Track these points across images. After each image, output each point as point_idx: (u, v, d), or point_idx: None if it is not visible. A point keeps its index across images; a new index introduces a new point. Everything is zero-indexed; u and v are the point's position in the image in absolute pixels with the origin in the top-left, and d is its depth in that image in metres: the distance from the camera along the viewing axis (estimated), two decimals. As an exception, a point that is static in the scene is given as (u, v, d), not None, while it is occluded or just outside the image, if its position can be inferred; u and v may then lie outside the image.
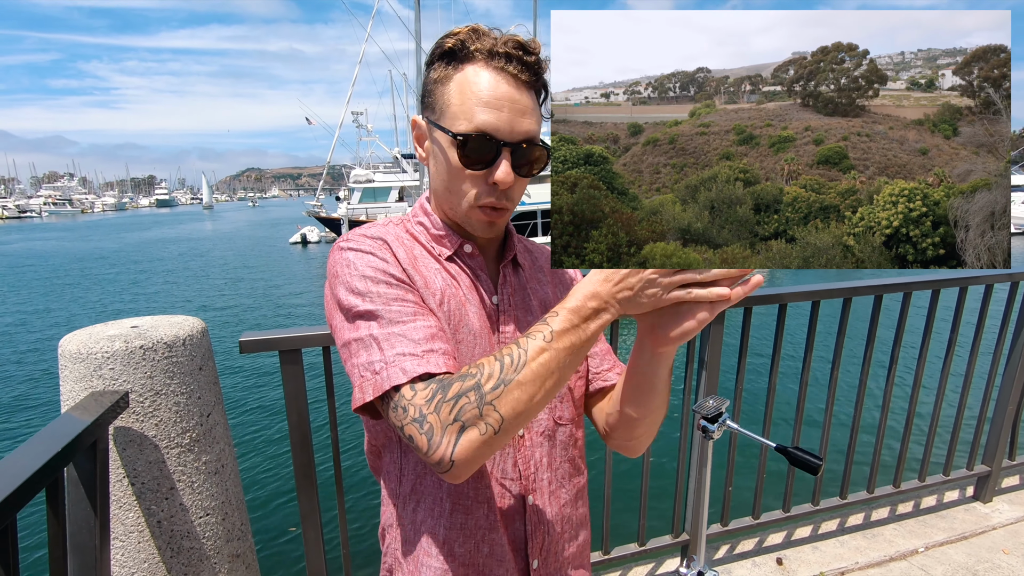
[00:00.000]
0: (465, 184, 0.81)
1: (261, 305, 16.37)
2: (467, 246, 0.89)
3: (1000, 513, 2.53)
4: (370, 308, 0.76)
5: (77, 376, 1.27)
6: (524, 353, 0.68)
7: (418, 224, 0.91)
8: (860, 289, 2.16)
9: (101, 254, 32.29)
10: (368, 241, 0.83)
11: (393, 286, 0.78)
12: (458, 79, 0.78)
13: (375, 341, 0.75)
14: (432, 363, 0.72)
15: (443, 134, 0.79)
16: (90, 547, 1.16)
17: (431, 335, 0.75)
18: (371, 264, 0.79)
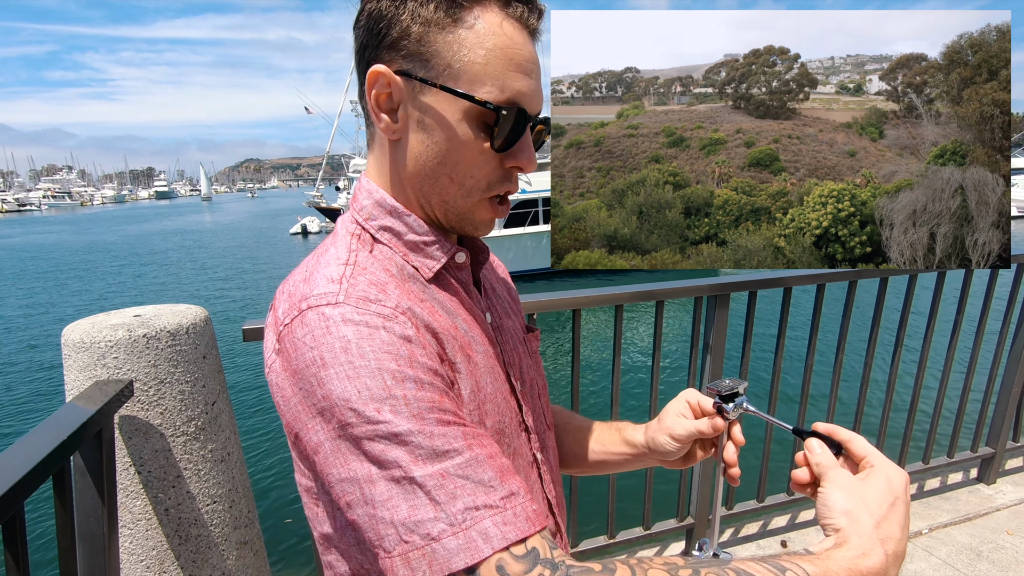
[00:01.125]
0: (475, 167, 0.61)
1: (264, 295, 16.41)
2: (460, 255, 0.68)
3: (1004, 494, 2.53)
4: (402, 428, 0.49)
5: (81, 365, 1.26)
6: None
7: (383, 230, 0.64)
8: (866, 272, 2.15)
9: (102, 247, 32.32)
10: (374, 307, 0.54)
11: (426, 387, 0.52)
12: (478, 28, 0.57)
13: (420, 487, 0.48)
14: (522, 516, 0.49)
15: (451, 100, 0.58)
16: (98, 535, 1.17)
17: (501, 469, 0.51)
18: (388, 347, 0.52)
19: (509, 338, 0.75)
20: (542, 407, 0.81)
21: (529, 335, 0.82)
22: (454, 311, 0.65)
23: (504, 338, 0.74)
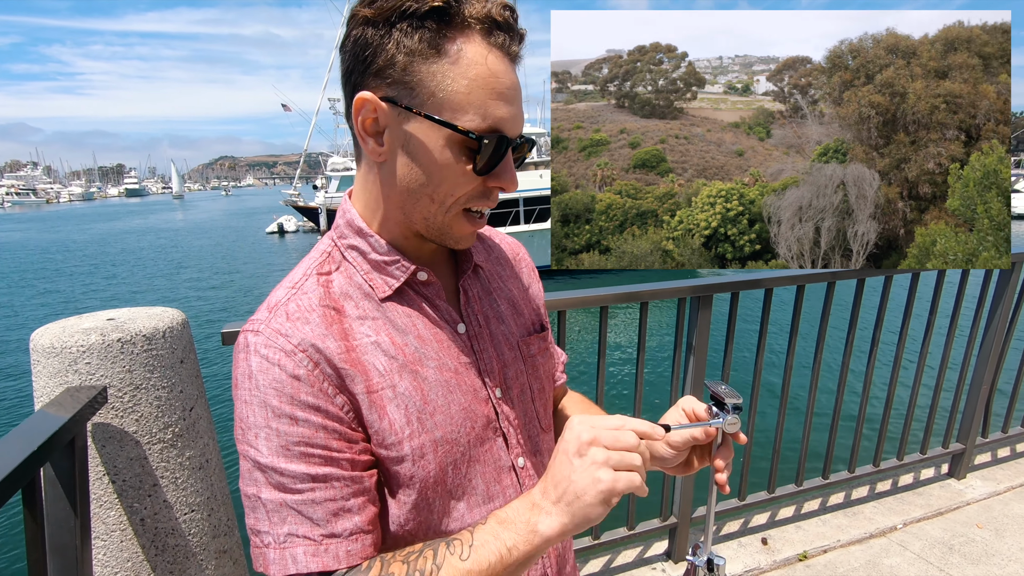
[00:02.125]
0: (455, 188, 0.64)
1: (241, 297, 16.09)
2: (421, 273, 0.71)
3: (974, 489, 2.61)
4: (265, 461, 0.60)
5: (51, 371, 1.22)
6: (435, 572, 0.59)
7: (351, 249, 0.71)
8: (843, 274, 2.19)
9: (69, 246, 31.34)
10: (281, 341, 0.62)
11: (300, 423, 0.60)
12: (460, 58, 0.60)
13: (262, 507, 0.61)
14: (331, 554, 0.60)
15: (434, 128, 0.61)
16: (71, 547, 1.12)
17: (335, 511, 0.61)
18: (276, 385, 0.61)
19: (493, 345, 0.77)
20: (536, 410, 0.81)
21: (530, 338, 0.82)
22: (406, 328, 0.69)
23: (483, 346, 0.75)
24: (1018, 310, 2.52)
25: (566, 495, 0.59)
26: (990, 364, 2.54)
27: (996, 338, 2.50)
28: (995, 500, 2.54)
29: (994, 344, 2.50)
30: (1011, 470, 2.76)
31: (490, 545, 0.60)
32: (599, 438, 0.59)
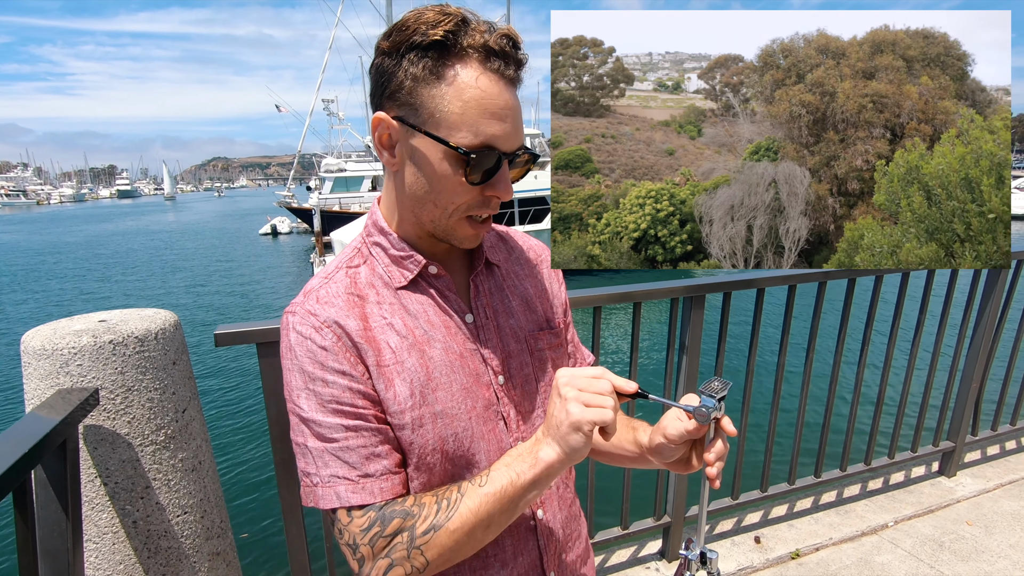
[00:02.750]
0: (455, 197, 0.73)
1: (234, 298, 16.01)
2: (432, 267, 0.81)
3: (964, 487, 2.64)
4: (307, 415, 0.73)
5: (42, 373, 1.21)
6: (459, 499, 0.71)
7: (375, 245, 0.82)
8: (834, 273, 2.21)
9: (60, 249, 31.07)
10: (312, 320, 0.74)
11: (331, 385, 0.72)
12: (456, 83, 0.68)
13: (309, 453, 0.73)
14: (367, 491, 0.72)
15: (433, 144, 0.70)
16: (62, 550, 1.11)
17: (367, 455, 0.73)
18: (311, 354, 0.73)
19: (499, 336, 0.84)
20: (542, 402, 0.88)
21: (540, 333, 0.89)
22: (418, 313, 0.80)
23: (488, 336, 0.83)
24: (1007, 309, 2.55)
25: (551, 428, 0.70)
26: (979, 363, 2.56)
27: (985, 337, 2.52)
28: (985, 497, 2.57)
29: (983, 343, 2.53)
30: (1000, 468, 2.79)
31: (502, 472, 0.71)
32: (574, 380, 0.69)
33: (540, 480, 0.70)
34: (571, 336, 1.01)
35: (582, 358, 1.02)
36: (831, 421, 2.39)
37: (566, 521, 0.90)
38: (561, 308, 0.97)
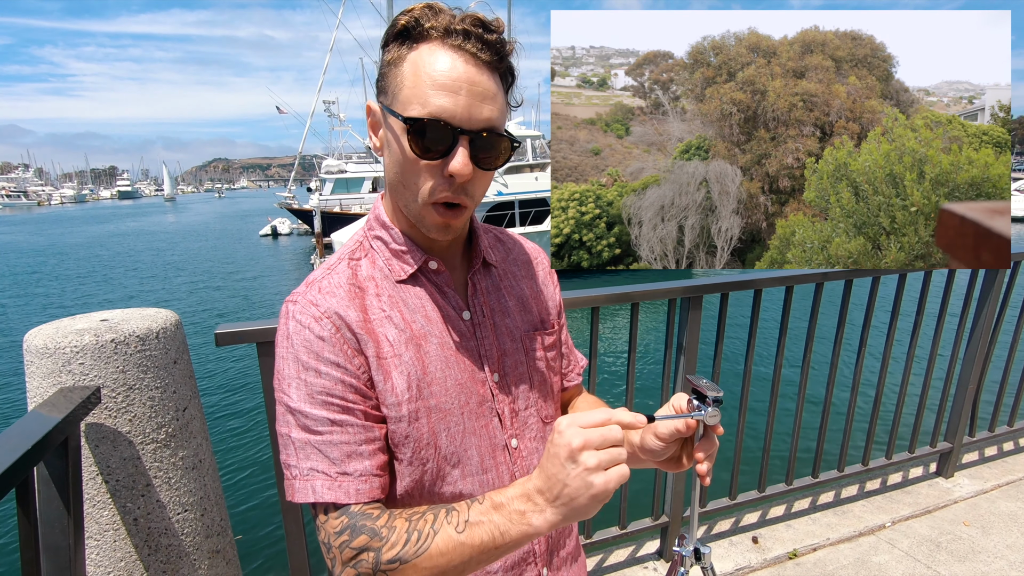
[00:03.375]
0: (419, 177, 0.73)
1: (234, 300, 16.02)
2: (432, 262, 0.82)
3: (961, 487, 2.64)
4: (295, 405, 0.72)
5: (44, 372, 1.22)
6: (430, 536, 0.67)
7: (376, 239, 0.83)
8: (832, 275, 2.22)
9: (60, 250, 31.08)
10: (312, 309, 0.74)
11: (323, 375, 0.72)
12: (412, 59, 0.70)
13: (292, 445, 0.73)
14: (343, 490, 0.71)
15: (396, 120, 0.71)
16: (64, 547, 1.13)
17: (349, 453, 0.72)
18: (306, 344, 0.73)
19: (495, 334, 0.85)
20: (535, 400, 0.88)
21: (534, 334, 0.90)
22: (416, 308, 0.80)
23: (484, 333, 0.84)
24: (1004, 309, 2.56)
25: (561, 497, 0.64)
26: (976, 363, 2.57)
27: (982, 337, 2.53)
28: (982, 498, 2.57)
29: (980, 343, 2.54)
30: (998, 468, 2.79)
31: (484, 526, 0.67)
32: (589, 441, 0.63)
33: (523, 542, 0.68)
34: (565, 338, 1.02)
35: (575, 361, 1.04)
36: (829, 422, 2.40)
37: None
38: (556, 310, 0.98)
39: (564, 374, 1.01)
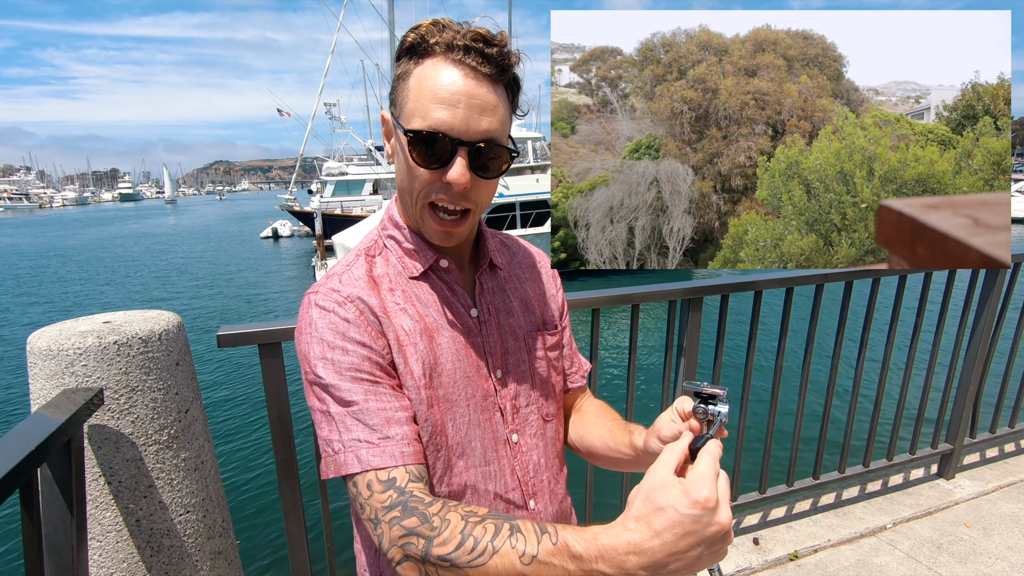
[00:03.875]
0: (418, 182, 0.77)
1: (235, 301, 16.04)
2: (443, 261, 0.86)
3: (962, 489, 2.64)
4: (327, 381, 0.75)
5: (48, 374, 1.23)
6: (490, 553, 0.62)
7: (389, 238, 0.88)
8: (832, 276, 2.22)
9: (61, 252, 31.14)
10: (335, 295, 0.79)
11: (350, 353, 0.75)
12: (417, 74, 0.74)
13: (332, 419, 0.75)
14: (388, 454, 0.72)
15: (402, 132, 0.76)
16: (67, 547, 1.13)
17: (387, 419, 0.74)
18: (332, 326, 0.76)
19: (499, 333, 0.89)
20: (536, 397, 0.91)
21: (537, 334, 0.94)
22: (428, 302, 0.85)
23: (490, 331, 0.88)
24: (1004, 310, 2.56)
25: (674, 568, 0.58)
26: (977, 365, 2.57)
27: (983, 338, 2.53)
28: (983, 500, 2.57)
29: (981, 344, 2.54)
30: (999, 470, 2.79)
31: (555, 570, 0.60)
32: (710, 543, 0.58)
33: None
34: (568, 340, 1.03)
35: (579, 363, 1.05)
36: (829, 423, 2.40)
37: (556, 516, 0.92)
38: (558, 312, 1.00)
39: (567, 376, 1.03)
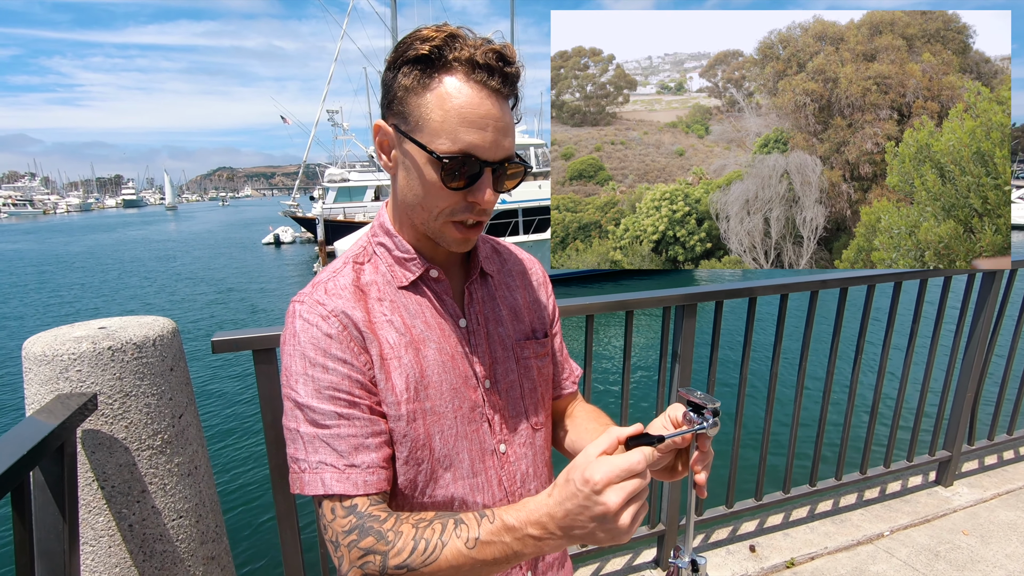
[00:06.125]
0: (439, 201, 0.76)
1: (235, 307, 16.06)
2: (433, 271, 0.85)
3: (960, 496, 2.63)
4: (303, 400, 0.75)
5: (42, 379, 1.24)
6: (440, 548, 0.68)
7: (379, 245, 0.86)
8: (829, 282, 2.23)
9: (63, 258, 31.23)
10: (319, 308, 0.77)
11: (330, 371, 0.75)
12: (439, 92, 0.72)
13: (301, 438, 0.75)
14: (351, 481, 0.73)
15: (419, 149, 0.74)
16: (58, 552, 1.14)
17: (356, 446, 0.74)
18: (314, 341, 0.76)
19: (488, 342, 0.88)
20: (525, 407, 0.91)
21: (526, 342, 0.93)
22: (416, 313, 0.83)
23: (478, 341, 0.87)
24: (1001, 316, 2.56)
25: (578, 530, 0.65)
26: (974, 371, 2.57)
27: (980, 345, 2.53)
28: (981, 507, 2.56)
29: (978, 351, 2.54)
30: (998, 477, 2.78)
31: (496, 546, 0.68)
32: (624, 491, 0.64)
33: (530, 556, 0.70)
34: (559, 346, 1.03)
35: (570, 370, 1.05)
36: (826, 430, 2.39)
37: None
38: (548, 319, 0.99)
39: (558, 382, 1.03)
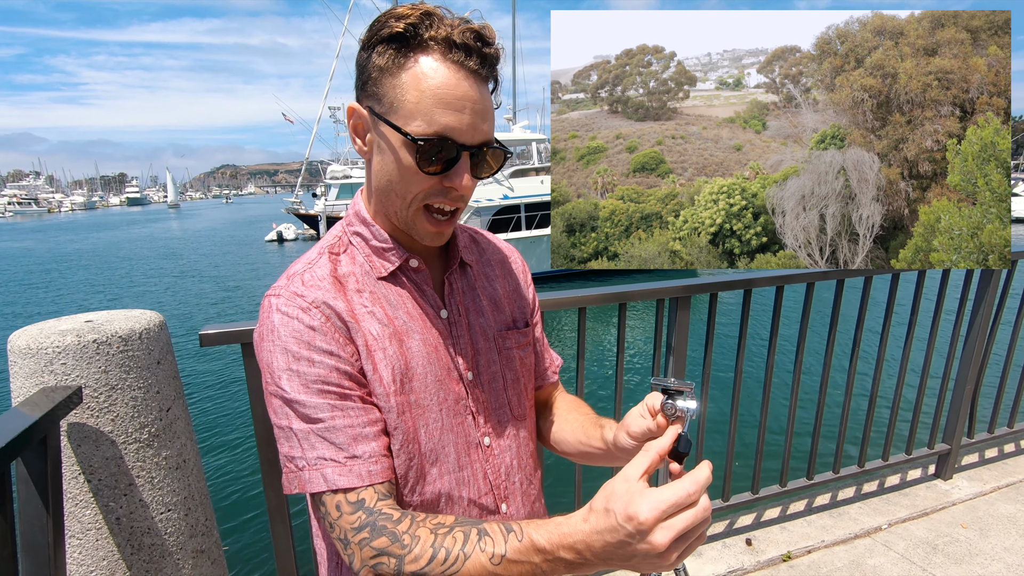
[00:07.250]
0: (414, 185, 0.74)
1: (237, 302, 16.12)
2: (413, 260, 0.82)
3: (959, 489, 2.61)
4: (291, 396, 0.71)
5: (27, 372, 1.23)
6: (462, 560, 0.64)
7: (355, 235, 0.83)
8: (827, 274, 2.21)
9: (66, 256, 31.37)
10: (299, 300, 0.74)
11: (316, 364, 0.71)
12: (413, 72, 0.69)
13: (294, 436, 0.71)
14: (355, 473, 0.70)
15: (393, 132, 0.71)
16: (43, 545, 1.13)
17: (354, 437, 0.71)
18: (296, 334, 0.72)
19: (470, 333, 0.86)
20: (508, 398, 0.89)
21: (507, 332, 0.91)
22: (397, 304, 0.81)
23: (460, 332, 0.85)
24: (1001, 309, 2.53)
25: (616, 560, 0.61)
26: (974, 364, 2.55)
27: (979, 337, 2.51)
28: (981, 500, 2.54)
29: (977, 343, 2.51)
30: (997, 470, 2.76)
31: (523, 566, 0.64)
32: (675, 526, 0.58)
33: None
34: (539, 336, 1.03)
35: (551, 359, 1.05)
36: (823, 422, 2.38)
37: (528, 518, 0.91)
38: (528, 308, 0.98)
39: (540, 372, 1.02)
